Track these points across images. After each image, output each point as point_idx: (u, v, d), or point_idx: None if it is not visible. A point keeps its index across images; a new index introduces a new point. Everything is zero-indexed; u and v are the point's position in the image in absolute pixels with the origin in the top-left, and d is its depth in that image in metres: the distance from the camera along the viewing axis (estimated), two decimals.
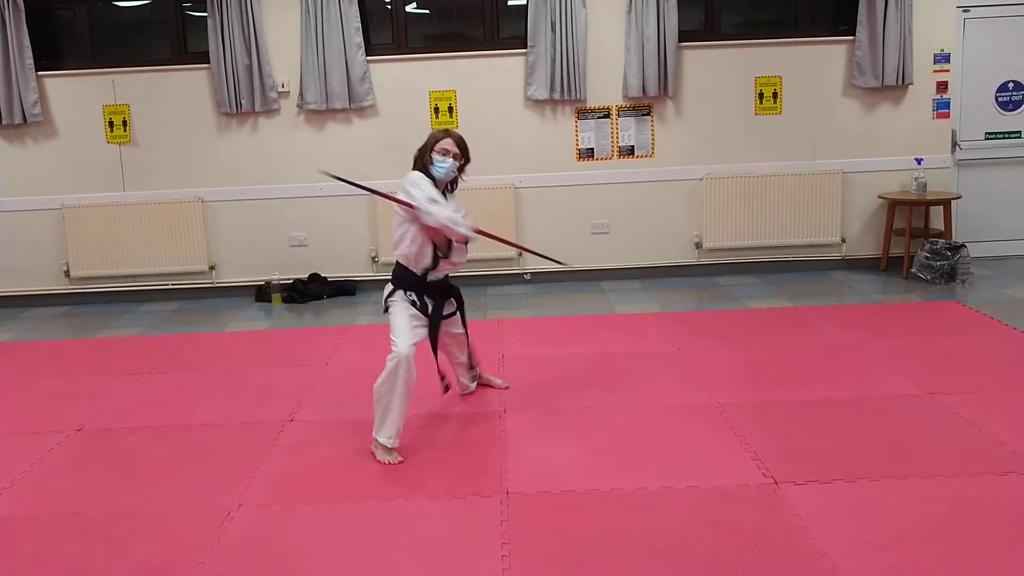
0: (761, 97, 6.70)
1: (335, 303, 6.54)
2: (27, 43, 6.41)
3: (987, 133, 6.96)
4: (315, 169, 3.57)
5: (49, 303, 6.78)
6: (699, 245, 6.84)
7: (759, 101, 6.70)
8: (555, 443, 3.80)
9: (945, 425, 3.85)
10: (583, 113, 6.70)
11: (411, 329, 3.74)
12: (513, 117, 6.66)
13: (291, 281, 6.68)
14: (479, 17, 6.71)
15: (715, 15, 6.74)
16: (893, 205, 6.66)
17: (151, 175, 6.69)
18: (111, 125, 6.64)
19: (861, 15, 6.50)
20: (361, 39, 6.44)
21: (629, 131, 6.73)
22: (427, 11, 6.87)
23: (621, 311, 5.99)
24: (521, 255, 6.79)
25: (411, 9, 6.73)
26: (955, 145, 6.91)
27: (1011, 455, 3.50)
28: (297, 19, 6.43)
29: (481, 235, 3.84)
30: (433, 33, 6.96)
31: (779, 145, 6.74)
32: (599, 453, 3.68)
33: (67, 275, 6.76)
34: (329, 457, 3.75)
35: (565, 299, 6.38)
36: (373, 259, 6.79)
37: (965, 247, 6.34)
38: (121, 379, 4.90)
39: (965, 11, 6.75)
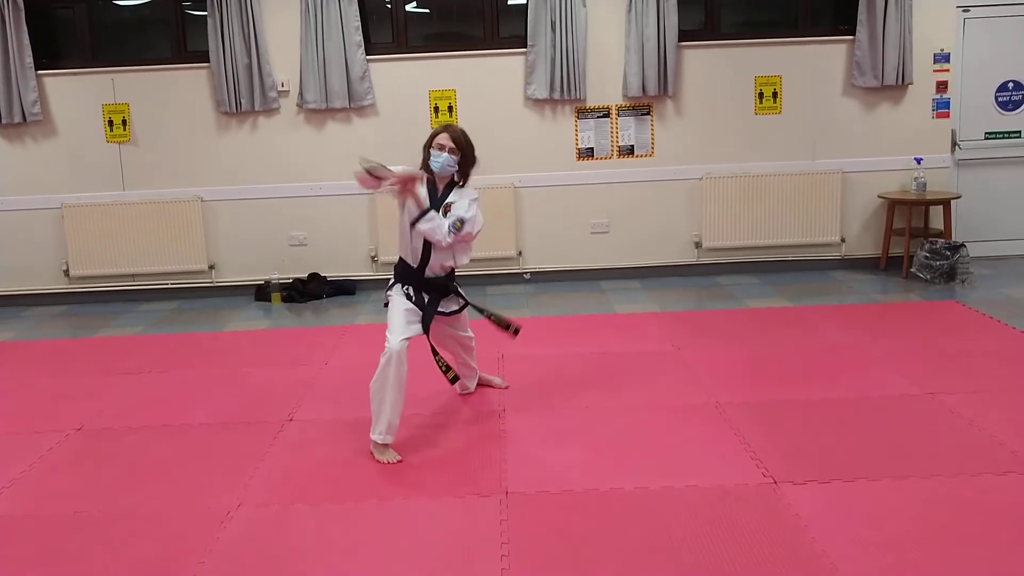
0: (761, 97, 6.70)
1: (335, 302, 6.54)
2: (27, 42, 6.40)
3: (987, 133, 6.96)
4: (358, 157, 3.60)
5: (48, 302, 6.78)
6: (699, 245, 6.84)
7: (759, 101, 6.70)
8: (555, 443, 3.80)
9: (945, 425, 3.85)
10: (583, 113, 6.70)
11: (405, 324, 3.74)
12: (513, 116, 6.66)
13: (291, 280, 6.68)
14: (479, 16, 6.71)
15: (715, 15, 6.74)
16: (893, 205, 6.66)
17: (151, 174, 6.69)
18: (111, 124, 6.63)
19: (861, 15, 6.50)
20: (361, 38, 6.44)
21: (629, 131, 6.73)
22: (427, 10, 6.86)
23: (621, 311, 5.99)
24: (521, 254, 6.80)
25: (411, 8, 6.73)
26: (955, 145, 6.91)
27: (1011, 455, 3.50)
28: (297, 18, 6.43)
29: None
30: (433, 32, 6.96)
31: (779, 145, 6.74)
32: (598, 453, 3.68)
33: (66, 274, 6.76)
34: (328, 457, 3.75)
35: (564, 299, 6.38)
36: (373, 259, 6.79)
37: (965, 247, 6.34)
38: (120, 378, 4.90)
39: (965, 11, 6.75)
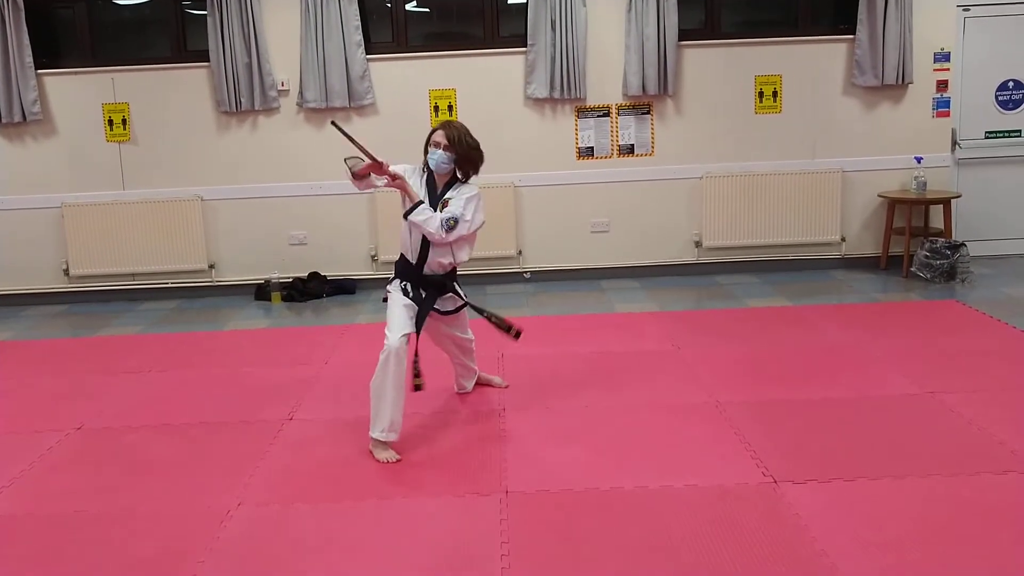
0: (761, 96, 6.69)
1: (335, 302, 6.54)
2: (27, 41, 6.40)
3: (987, 132, 6.95)
4: (329, 121, 3.71)
5: (48, 301, 6.78)
6: (699, 244, 6.84)
7: (759, 100, 6.70)
8: (555, 442, 3.80)
9: (945, 424, 3.85)
10: (583, 112, 6.70)
11: (404, 320, 3.74)
12: (513, 116, 6.66)
13: (291, 280, 6.68)
14: (479, 16, 6.70)
15: (715, 14, 6.73)
16: (893, 204, 6.66)
17: (151, 173, 6.68)
18: (111, 123, 6.63)
19: (861, 14, 6.50)
20: (361, 37, 6.44)
21: (629, 130, 6.72)
22: (427, 9, 6.86)
23: (620, 310, 5.99)
24: (521, 253, 6.80)
25: (411, 7, 6.73)
26: (955, 144, 6.90)
27: (1011, 454, 3.50)
28: (297, 17, 6.42)
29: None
30: (433, 31, 6.96)
31: (779, 144, 6.74)
32: (598, 452, 3.68)
33: (66, 273, 6.75)
34: (328, 456, 3.75)
35: (564, 298, 6.38)
36: (373, 258, 6.79)
37: (965, 246, 6.34)
38: (120, 378, 4.90)
39: (965, 10, 6.74)
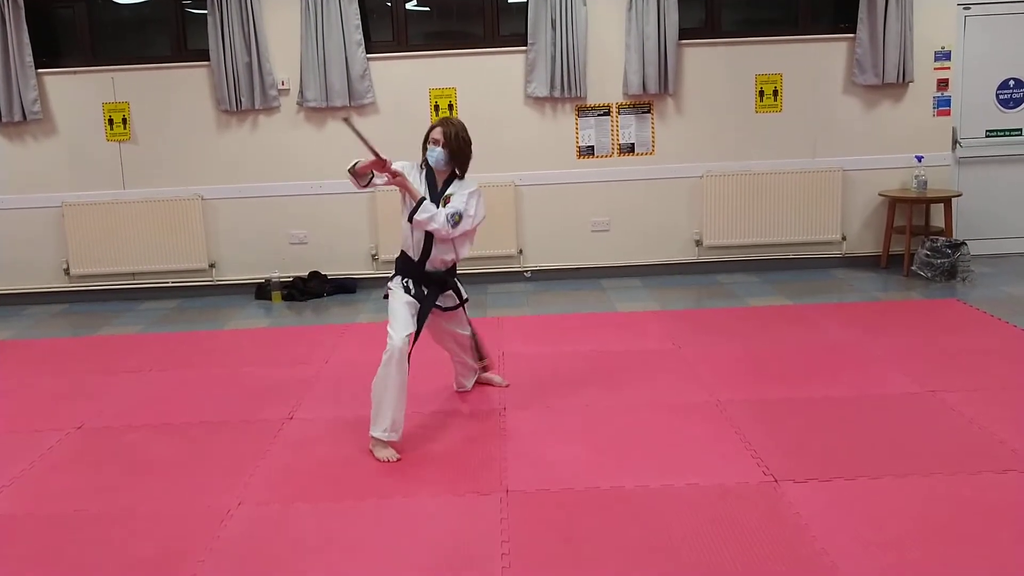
0: (761, 95, 6.69)
1: (335, 301, 6.54)
2: (27, 41, 6.40)
3: (988, 131, 6.95)
4: (342, 118, 3.79)
5: (49, 301, 6.78)
6: (699, 243, 6.83)
7: (759, 99, 6.70)
8: (555, 441, 3.79)
9: (945, 423, 3.85)
10: (583, 111, 6.69)
11: (407, 319, 3.75)
12: (513, 115, 6.66)
13: (291, 279, 6.68)
14: (479, 14, 6.70)
15: (715, 12, 6.73)
16: (894, 203, 6.65)
17: (151, 173, 6.68)
18: (111, 123, 6.63)
19: (861, 12, 6.49)
20: (361, 36, 6.44)
21: (629, 129, 6.72)
22: (427, 8, 6.86)
23: (621, 309, 5.99)
24: (521, 252, 6.80)
25: (411, 6, 6.72)
26: (955, 143, 6.90)
27: (1011, 453, 3.50)
28: (297, 16, 6.42)
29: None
30: (433, 30, 6.95)
31: (779, 143, 6.73)
32: (599, 451, 3.68)
33: (67, 273, 6.75)
34: (329, 455, 3.75)
35: (565, 297, 6.38)
36: (373, 257, 6.79)
37: (965, 245, 6.33)
38: (121, 377, 4.90)
39: (966, 8, 6.74)
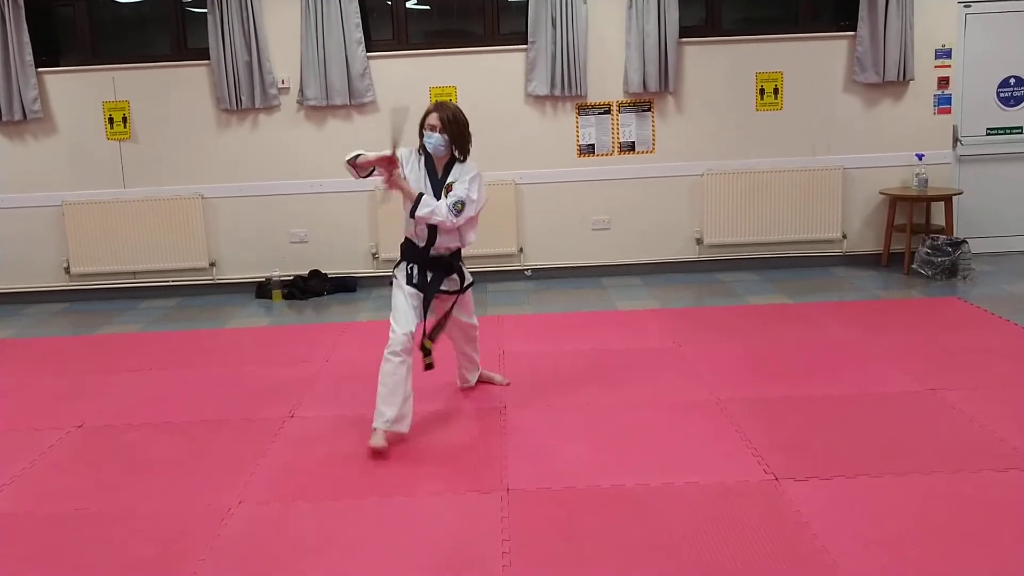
0: (762, 93, 6.69)
1: (335, 299, 6.54)
2: (27, 40, 6.40)
3: (988, 129, 6.94)
4: (396, 107, 3.94)
5: (49, 300, 6.77)
6: (700, 241, 6.83)
7: (760, 97, 6.69)
8: (556, 439, 3.79)
9: (946, 421, 3.85)
10: (584, 109, 6.69)
11: (409, 314, 3.76)
12: (514, 113, 6.65)
13: (291, 278, 6.67)
14: (479, 13, 6.70)
15: (716, 11, 6.73)
16: (894, 201, 6.65)
17: (151, 171, 6.68)
18: (111, 122, 6.63)
19: (862, 11, 6.49)
20: (361, 35, 6.43)
21: (630, 127, 6.72)
22: (427, 7, 6.86)
23: (622, 307, 5.99)
24: (522, 251, 6.80)
25: (411, 5, 6.72)
26: (956, 141, 6.89)
27: (1012, 451, 3.50)
28: (297, 15, 6.42)
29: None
30: (433, 29, 6.95)
31: (780, 141, 6.73)
32: (600, 449, 3.68)
33: (67, 272, 6.75)
34: (329, 454, 3.75)
35: (566, 295, 6.38)
36: (374, 255, 6.79)
37: (966, 243, 6.33)
38: (121, 376, 4.90)
39: (966, 6, 6.73)
